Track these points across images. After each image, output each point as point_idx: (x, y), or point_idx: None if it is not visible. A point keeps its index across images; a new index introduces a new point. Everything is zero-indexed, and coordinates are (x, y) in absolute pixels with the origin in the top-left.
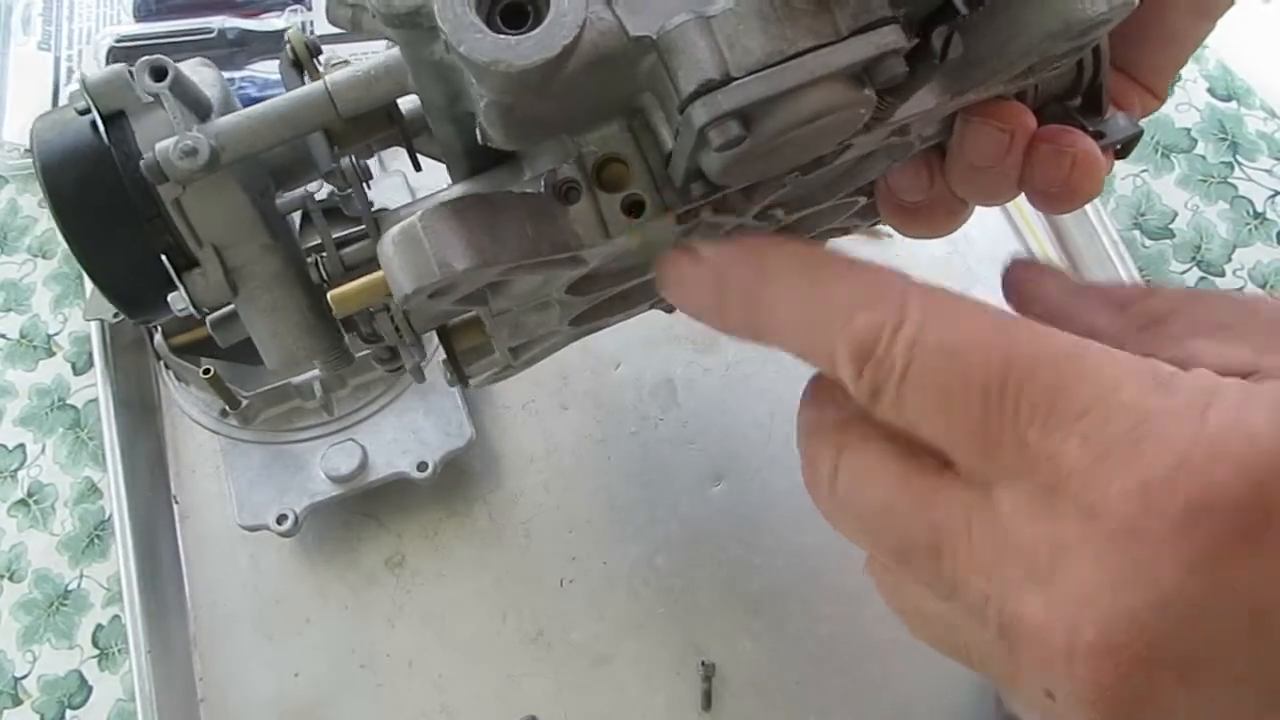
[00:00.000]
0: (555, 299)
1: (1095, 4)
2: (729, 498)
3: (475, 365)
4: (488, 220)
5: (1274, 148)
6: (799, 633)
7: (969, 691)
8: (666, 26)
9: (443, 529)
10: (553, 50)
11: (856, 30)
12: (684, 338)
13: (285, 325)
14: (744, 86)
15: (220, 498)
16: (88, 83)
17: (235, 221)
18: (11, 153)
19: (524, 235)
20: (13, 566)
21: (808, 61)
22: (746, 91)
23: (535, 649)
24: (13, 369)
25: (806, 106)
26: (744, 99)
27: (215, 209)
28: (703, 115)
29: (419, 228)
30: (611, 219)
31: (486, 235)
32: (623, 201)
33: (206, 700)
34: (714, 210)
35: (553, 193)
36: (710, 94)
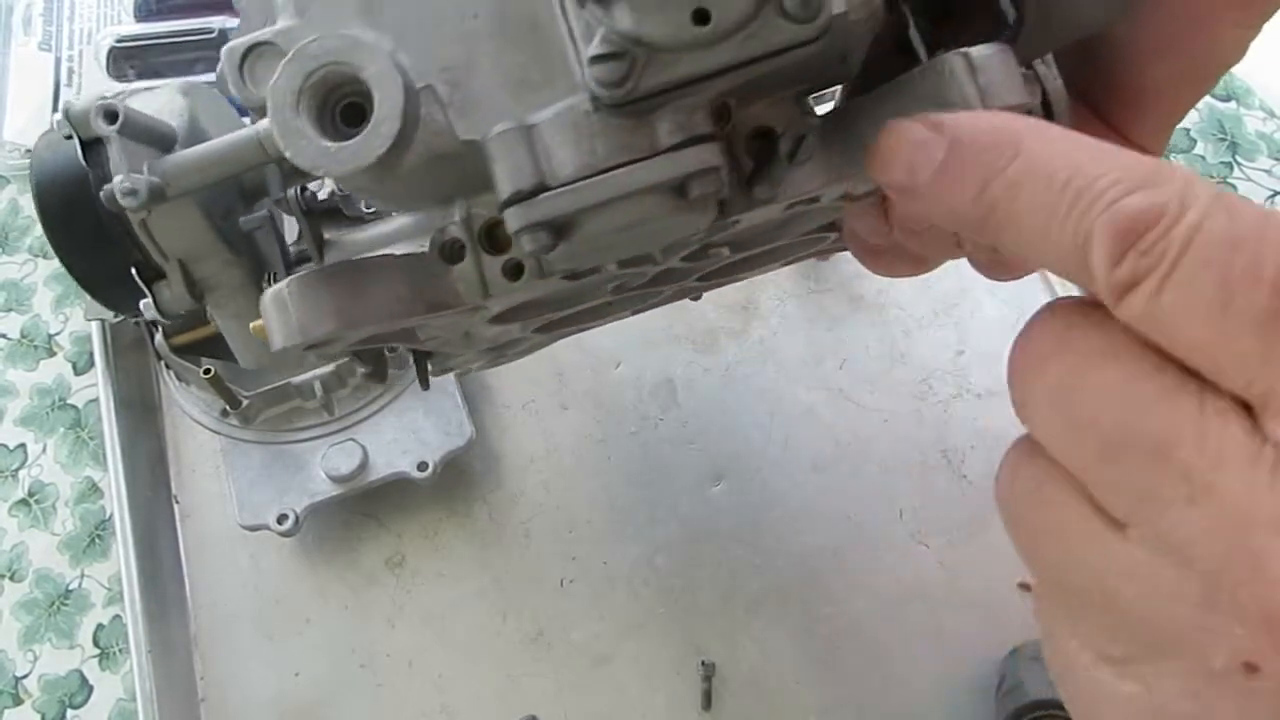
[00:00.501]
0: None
1: (966, 96)
2: (729, 498)
3: (449, 362)
4: (355, 286)
5: (1273, 148)
6: (799, 633)
7: (969, 691)
8: (489, 133)
9: (443, 529)
10: (368, 159)
11: (675, 146)
12: (684, 338)
13: (249, 331)
14: (552, 199)
15: (221, 498)
16: (69, 111)
17: (195, 241)
18: (12, 153)
19: (395, 297)
20: (14, 566)
21: (617, 177)
22: (554, 205)
23: (535, 649)
24: (14, 369)
25: (618, 219)
26: (552, 211)
27: (175, 230)
28: (515, 223)
29: (285, 294)
30: (493, 280)
31: (351, 299)
32: (505, 264)
33: (207, 700)
34: (619, 266)
35: (438, 252)
36: (522, 204)
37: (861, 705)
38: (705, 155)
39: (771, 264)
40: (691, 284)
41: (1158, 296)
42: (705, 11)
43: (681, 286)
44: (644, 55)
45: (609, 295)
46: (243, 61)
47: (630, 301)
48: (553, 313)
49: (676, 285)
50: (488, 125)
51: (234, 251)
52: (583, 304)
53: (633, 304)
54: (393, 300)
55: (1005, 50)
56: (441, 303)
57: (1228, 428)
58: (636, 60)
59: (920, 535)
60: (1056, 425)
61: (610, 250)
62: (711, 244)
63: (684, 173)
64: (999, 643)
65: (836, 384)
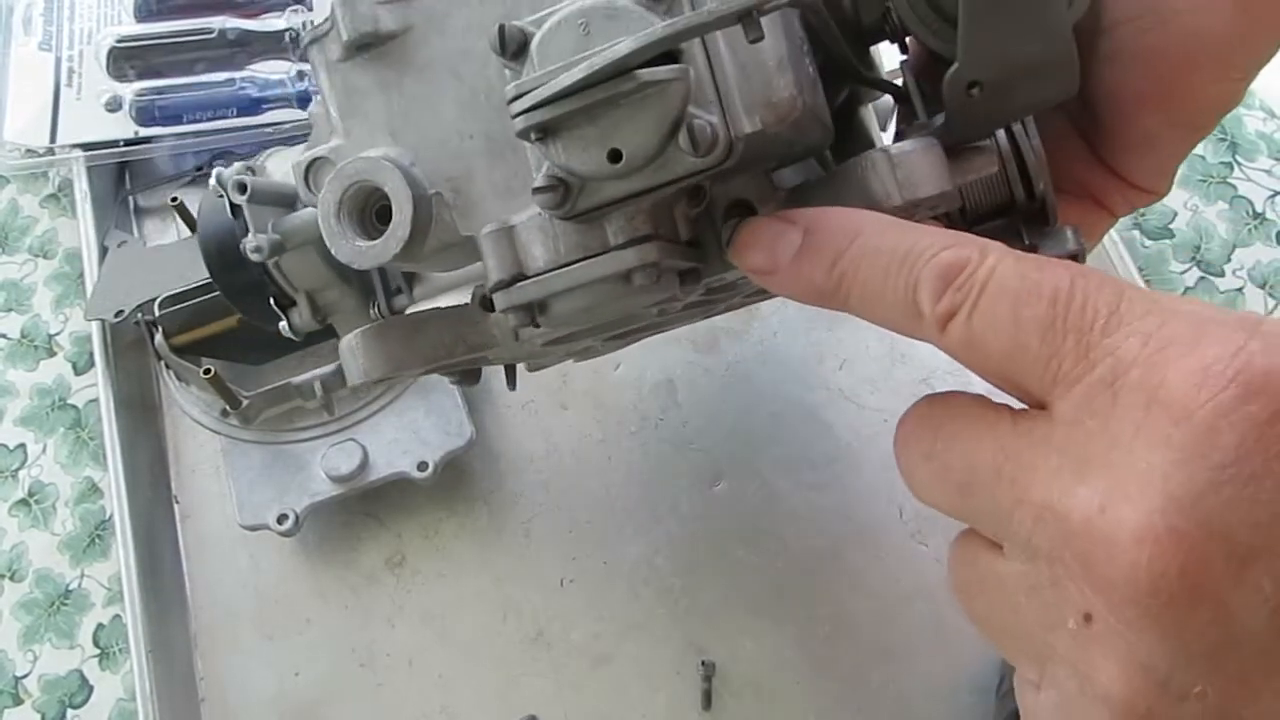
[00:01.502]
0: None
1: (890, 196)
2: (729, 498)
3: (541, 361)
4: (407, 337)
5: (1273, 148)
6: (799, 633)
7: (969, 692)
8: (481, 231)
9: (443, 529)
10: (388, 255)
11: (620, 245)
12: (684, 338)
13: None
14: (526, 288)
15: (221, 498)
16: (220, 178)
17: (315, 278)
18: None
19: (440, 342)
20: (14, 566)
21: (574, 271)
22: (527, 292)
23: (535, 649)
24: (14, 369)
25: (578, 301)
26: (526, 296)
27: (298, 270)
28: (501, 304)
29: (354, 344)
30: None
31: (402, 348)
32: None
33: (207, 700)
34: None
35: (479, 303)
36: (506, 289)
37: (861, 705)
38: (645, 253)
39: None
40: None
41: (969, 321)
42: (618, 151)
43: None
44: (578, 183)
45: (654, 317)
46: (307, 172)
47: (689, 314)
48: (598, 336)
49: (732, 295)
50: (481, 224)
51: (347, 282)
52: (631, 325)
53: (693, 315)
54: (438, 345)
55: (929, 144)
56: (481, 344)
57: (1032, 432)
58: (572, 187)
59: (920, 535)
60: (931, 483)
61: (581, 322)
62: (719, 286)
63: (627, 267)
64: None
65: (837, 384)
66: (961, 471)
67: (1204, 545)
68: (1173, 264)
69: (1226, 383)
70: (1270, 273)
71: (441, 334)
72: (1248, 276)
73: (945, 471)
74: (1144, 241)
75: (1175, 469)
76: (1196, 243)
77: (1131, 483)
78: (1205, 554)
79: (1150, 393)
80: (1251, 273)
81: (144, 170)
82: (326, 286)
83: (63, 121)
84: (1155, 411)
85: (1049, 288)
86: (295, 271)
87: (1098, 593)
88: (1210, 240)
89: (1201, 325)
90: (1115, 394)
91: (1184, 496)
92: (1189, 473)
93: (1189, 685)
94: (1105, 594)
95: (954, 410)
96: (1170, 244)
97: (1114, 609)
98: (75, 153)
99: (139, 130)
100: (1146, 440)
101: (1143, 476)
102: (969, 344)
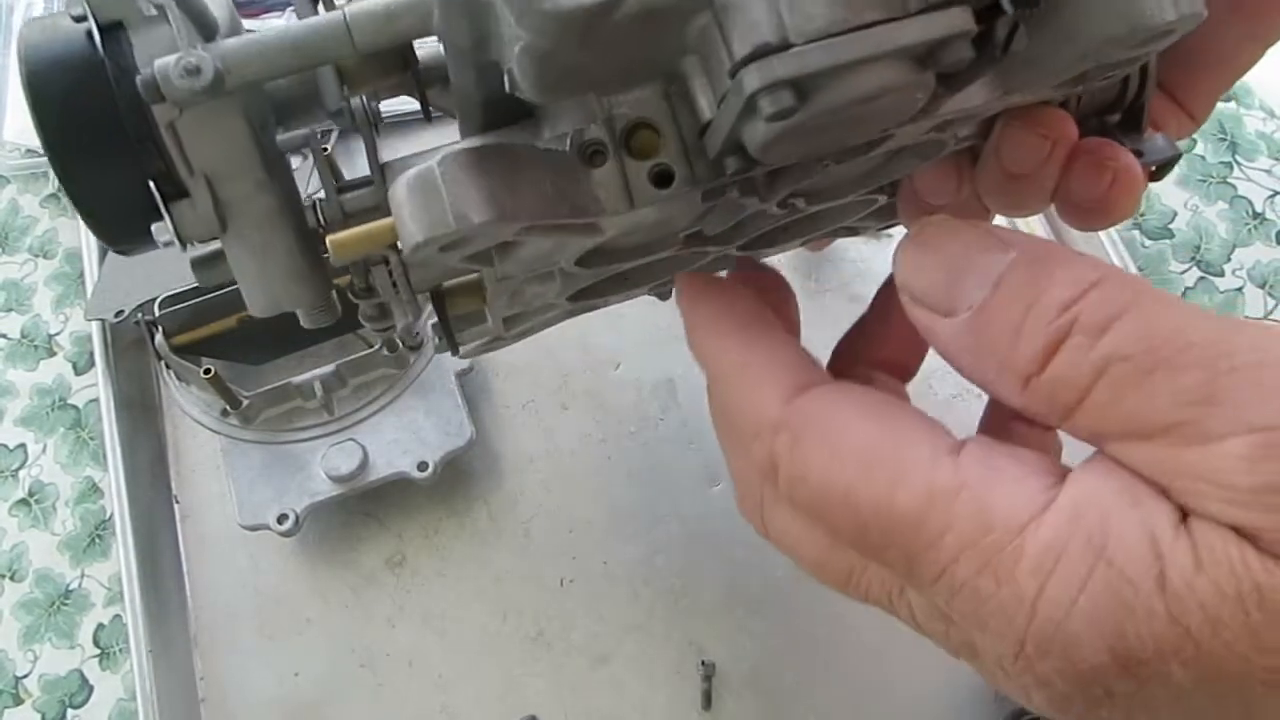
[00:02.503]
0: (561, 271)
1: (1162, 11)
2: (729, 498)
3: (467, 332)
4: (509, 173)
5: (1273, 148)
6: (799, 633)
7: (969, 692)
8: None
9: (443, 529)
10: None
11: (925, 9)
12: (684, 337)
13: (273, 269)
14: (802, 55)
15: (221, 498)
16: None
17: (232, 153)
18: (12, 153)
19: (544, 194)
20: (14, 566)
21: (874, 35)
22: (804, 60)
23: (535, 649)
24: (14, 369)
25: (866, 83)
26: (800, 68)
27: (212, 137)
28: (755, 81)
29: (437, 174)
30: (637, 187)
31: (506, 189)
32: (650, 170)
33: (207, 700)
34: (740, 192)
35: (577, 154)
36: (765, 59)
37: (861, 705)
38: (961, 19)
39: (817, 231)
40: (733, 251)
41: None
42: None
43: (723, 253)
44: None
45: (671, 249)
46: None
47: (674, 265)
48: (621, 263)
49: (719, 249)
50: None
51: (268, 173)
52: (644, 258)
53: (674, 267)
54: (543, 197)
55: None
56: (584, 207)
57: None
58: None
59: None
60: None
61: (827, 134)
62: (795, 193)
63: (945, 34)
64: None
65: None
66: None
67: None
68: (1172, 264)
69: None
70: (1270, 273)
71: (541, 179)
72: (1247, 276)
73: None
74: (1144, 241)
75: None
76: (1196, 243)
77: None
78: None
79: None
80: (1251, 273)
81: None
82: (239, 172)
83: None
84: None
85: (846, 534)
86: (202, 139)
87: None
88: (1210, 240)
89: (984, 603)
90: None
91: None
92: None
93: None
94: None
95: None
96: (1170, 244)
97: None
98: None
99: None
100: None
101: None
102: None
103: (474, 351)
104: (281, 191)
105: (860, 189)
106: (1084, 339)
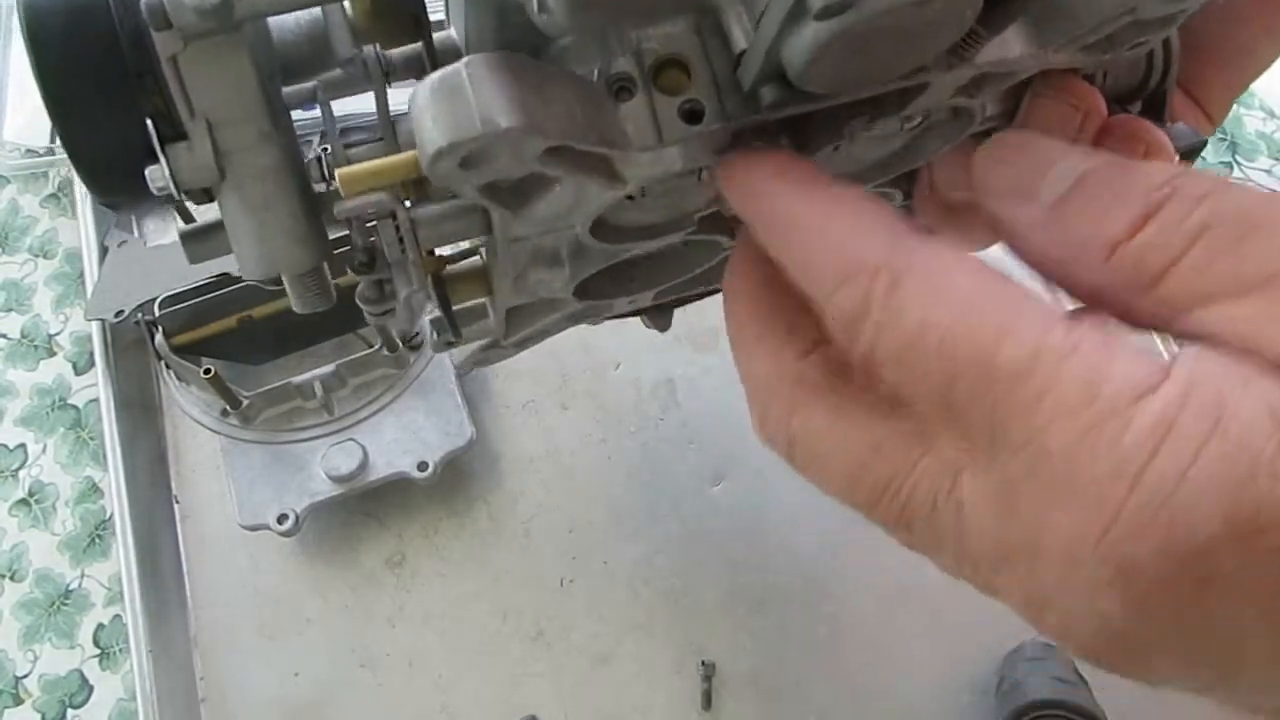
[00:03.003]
0: (569, 254)
1: None
2: (729, 498)
3: (467, 330)
4: (538, 83)
5: (1274, 148)
6: (799, 633)
7: (969, 692)
8: None
9: (443, 529)
10: None
11: None
12: (684, 338)
13: (272, 228)
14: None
15: (221, 498)
16: None
17: (236, 95)
18: (12, 153)
19: (573, 115)
20: (14, 566)
21: None
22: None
23: (535, 649)
24: (14, 369)
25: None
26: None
27: (216, 75)
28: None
29: (464, 75)
30: (666, 121)
31: (536, 98)
32: (680, 106)
33: (207, 700)
34: (766, 142)
35: (606, 84)
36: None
37: (861, 705)
38: None
39: None
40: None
41: (873, 373)
42: None
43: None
44: None
45: (684, 232)
46: None
47: (681, 265)
48: (634, 241)
49: (732, 241)
50: None
51: (274, 123)
52: (661, 237)
53: (681, 269)
54: (573, 118)
55: None
56: (611, 139)
57: (938, 492)
58: None
59: None
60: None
61: (872, 55)
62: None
63: None
64: (999, 643)
65: None
66: (839, 481)
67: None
68: None
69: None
70: None
71: (571, 101)
72: None
73: (819, 476)
74: None
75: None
76: None
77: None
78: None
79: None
80: None
81: None
82: (243, 118)
83: None
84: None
85: (937, 381)
86: (206, 78)
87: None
88: None
89: (1070, 472)
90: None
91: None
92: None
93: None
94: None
95: (817, 395)
96: None
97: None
98: None
99: None
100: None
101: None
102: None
103: (471, 362)
104: (285, 146)
105: (881, 177)
106: (1181, 205)
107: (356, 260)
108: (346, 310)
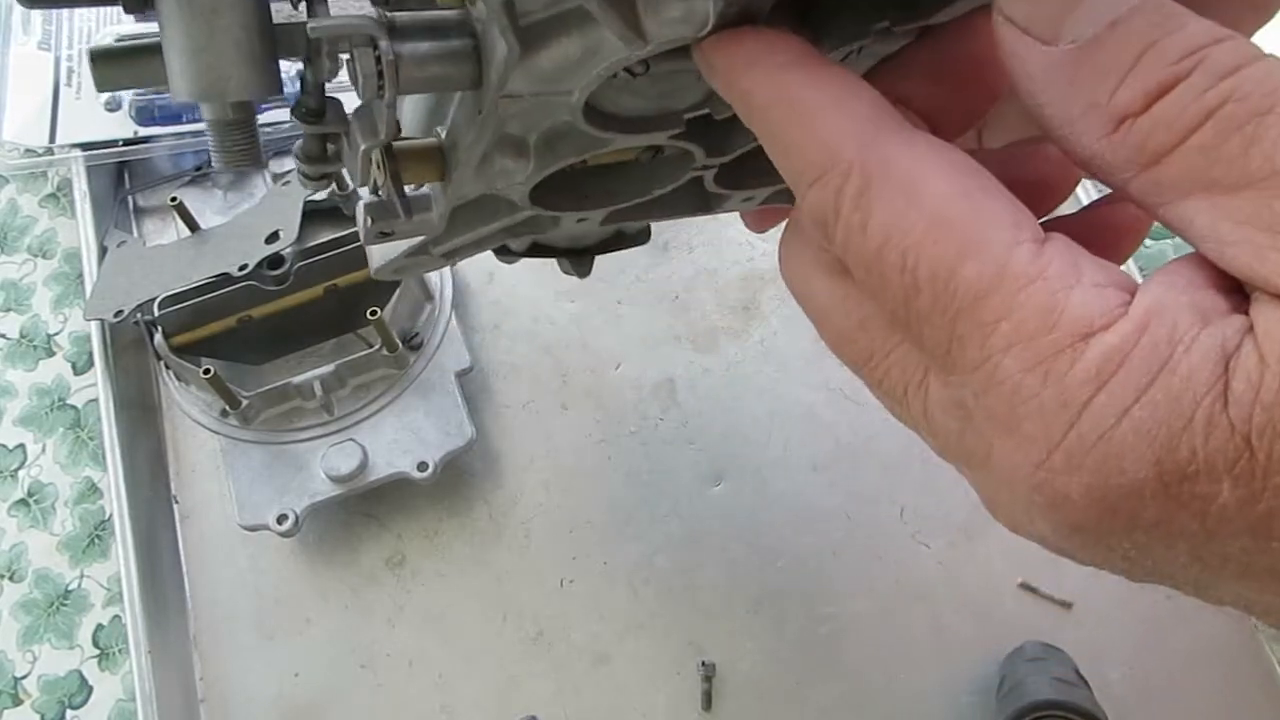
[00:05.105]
0: (535, 143)
1: None
2: (729, 498)
3: (406, 224)
4: None
5: None
6: (799, 633)
7: (969, 692)
8: None
9: (443, 529)
10: None
11: None
12: (684, 338)
13: (219, 40)
14: None
15: (220, 498)
16: None
17: None
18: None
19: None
20: (13, 566)
21: None
22: None
23: (535, 649)
24: (13, 369)
25: None
26: None
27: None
28: None
29: None
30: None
31: None
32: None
33: (207, 700)
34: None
35: None
36: None
37: (861, 705)
38: None
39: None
40: (713, 188)
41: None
42: None
43: (707, 192)
44: None
45: (668, 130)
46: None
47: (650, 182)
48: (626, 135)
49: (714, 161)
50: None
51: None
52: (645, 133)
53: (660, 181)
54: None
55: None
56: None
57: (910, 382)
58: None
59: (920, 535)
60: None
61: None
62: None
63: None
64: (999, 643)
65: (837, 383)
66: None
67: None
68: None
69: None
70: None
71: None
72: None
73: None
74: (1145, 242)
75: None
76: None
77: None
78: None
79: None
80: None
81: (143, 170)
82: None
83: (62, 121)
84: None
85: (897, 291)
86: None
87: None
88: None
89: (1021, 400)
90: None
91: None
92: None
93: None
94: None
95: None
96: (1171, 244)
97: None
98: (74, 152)
99: (138, 130)
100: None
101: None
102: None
103: (390, 269)
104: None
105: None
106: (1203, 79)
107: (305, 106)
108: (347, 310)
